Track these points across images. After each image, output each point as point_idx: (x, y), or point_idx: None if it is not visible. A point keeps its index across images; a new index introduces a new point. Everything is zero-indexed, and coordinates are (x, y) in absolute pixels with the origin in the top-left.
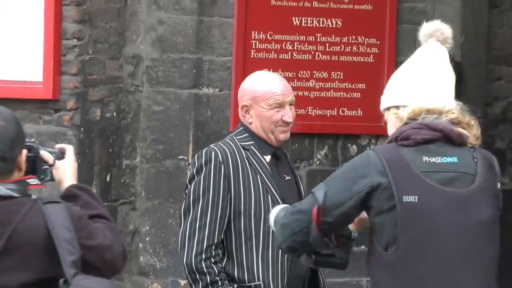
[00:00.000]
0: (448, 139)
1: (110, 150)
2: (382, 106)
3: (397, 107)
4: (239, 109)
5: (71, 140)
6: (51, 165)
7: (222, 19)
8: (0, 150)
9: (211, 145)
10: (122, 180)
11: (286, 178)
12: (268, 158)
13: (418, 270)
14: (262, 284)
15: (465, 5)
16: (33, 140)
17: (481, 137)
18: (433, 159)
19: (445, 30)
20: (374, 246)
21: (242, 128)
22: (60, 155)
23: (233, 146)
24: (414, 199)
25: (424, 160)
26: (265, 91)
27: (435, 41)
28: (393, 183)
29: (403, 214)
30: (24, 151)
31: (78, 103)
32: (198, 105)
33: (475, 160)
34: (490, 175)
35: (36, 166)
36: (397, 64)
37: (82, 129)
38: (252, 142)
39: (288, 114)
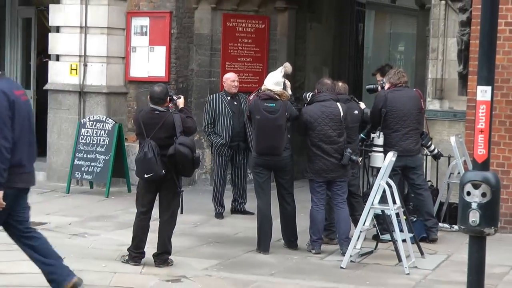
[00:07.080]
0: (271, 98)
1: (184, 97)
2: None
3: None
4: (223, 83)
5: (173, 94)
6: (176, 100)
7: (218, 58)
8: (161, 96)
9: (213, 94)
10: (188, 105)
11: (235, 104)
12: (228, 98)
13: (261, 133)
14: (223, 135)
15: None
16: (171, 91)
17: (291, 97)
18: (267, 104)
19: (288, 66)
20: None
21: (223, 89)
22: (178, 97)
23: (218, 94)
24: (259, 117)
25: (265, 104)
26: (228, 77)
27: (282, 69)
28: (253, 111)
29: (256, 121)
30: (168, 96)
31: (175, 82)
32: (210, 83)
33: (281, 105)
34: (283, 110)
35: (172, 100)
36: (268, 71)
37: (175, 90)
38: (224, 92)
39: (235, 85)
